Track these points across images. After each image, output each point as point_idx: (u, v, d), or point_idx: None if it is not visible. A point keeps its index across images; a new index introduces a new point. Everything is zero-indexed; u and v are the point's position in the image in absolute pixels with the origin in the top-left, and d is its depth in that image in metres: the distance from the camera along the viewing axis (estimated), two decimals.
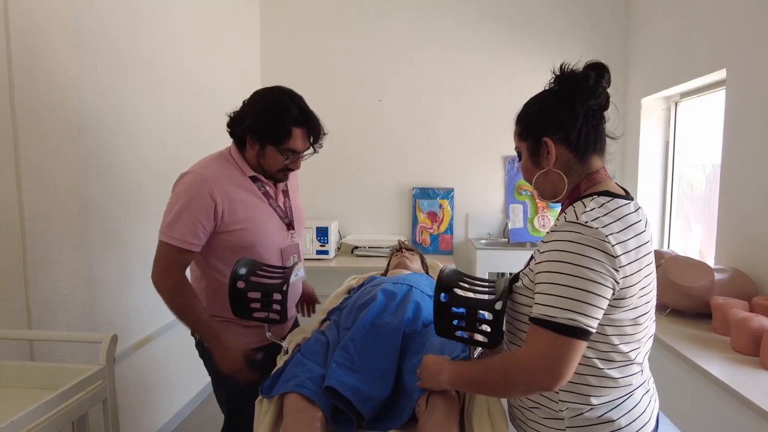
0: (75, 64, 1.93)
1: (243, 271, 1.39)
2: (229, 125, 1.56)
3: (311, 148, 1.57)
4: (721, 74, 2.54)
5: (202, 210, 1.44)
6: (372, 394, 1.26)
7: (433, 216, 3.89)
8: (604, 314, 0.95)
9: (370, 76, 3.86)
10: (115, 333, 1.50)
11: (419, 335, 1.50)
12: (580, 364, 0.96)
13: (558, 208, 3.71)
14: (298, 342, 1.53)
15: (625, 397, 1.03)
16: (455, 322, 1.16)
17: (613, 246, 0.94)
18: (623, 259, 0.95)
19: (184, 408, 2.81)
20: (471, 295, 1.21)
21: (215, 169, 1.52)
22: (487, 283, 1.25)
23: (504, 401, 1.23)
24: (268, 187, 1.60)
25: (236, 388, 1.55)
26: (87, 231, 2.01)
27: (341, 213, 3.93)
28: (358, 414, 1.23)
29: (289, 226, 1.64)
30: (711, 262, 2.56)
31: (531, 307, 0.99)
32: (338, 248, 3.82)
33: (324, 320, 1.79)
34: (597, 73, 1.04)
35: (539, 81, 4.20)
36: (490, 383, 1.04)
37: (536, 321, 0.96)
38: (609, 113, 1.09)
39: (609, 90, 1.07)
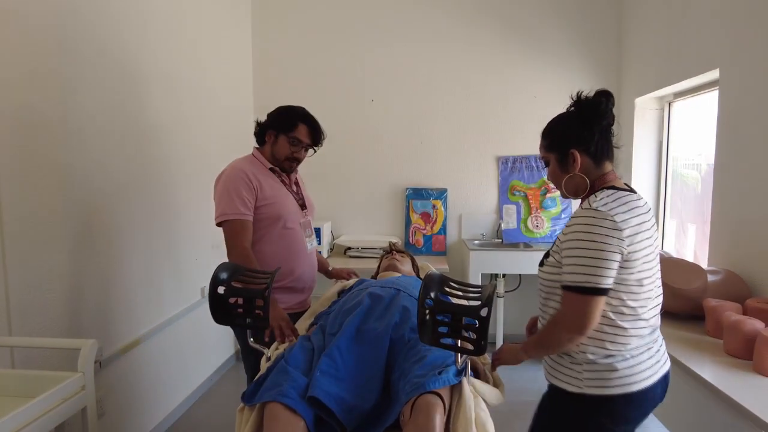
0: (59, 64, 1.89)
1: (224, 275, 1.36)
2: (256, 127, 2.04)
3: (313, 147, 2.03)
4: (714, 74, 2.52)
5: (244, 187, 1.85)
6: (356, 403, 1.23)
7: (426, 216, 3.86)
8: (616, 275, 1.23)
9: (362, 76, 3.82)
10: (95, 339, 1.47)
11: (408, 341, 1.47)
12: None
13: (553, 208, 3.72)
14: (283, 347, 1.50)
15: (631, 351, 1.28)
16: (440, 328, 1.14)
17: (617, 222, 1.22)
18: (627, 231, 1.22)
19: (173, 411, 2.78)
20: (458, 300, 1.18)
21: (244, 162, 1.97)
22: (473, 289, 1.22)
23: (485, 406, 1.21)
24: (283, 177, 2.03)
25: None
26: (71, 233, 1.97)
27: (334, 214, 3.90)
28: (341, 423, 1.21)
29: (302, 206, 2.06)
30: (705, 264, 2.54)
31: (560, 276, 1.28)
32: (331, 249, 3.79)
33: (312, 324, 1.77)
34: (606, 98, 1.34)
35: (532, 81, 4.17)
36: (547, 342, 1.31)
37: (566, 288, 1.25)
38: (615, 127, 1.37)
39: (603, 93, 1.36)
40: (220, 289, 1.33)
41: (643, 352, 1.30)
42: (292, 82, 3.83)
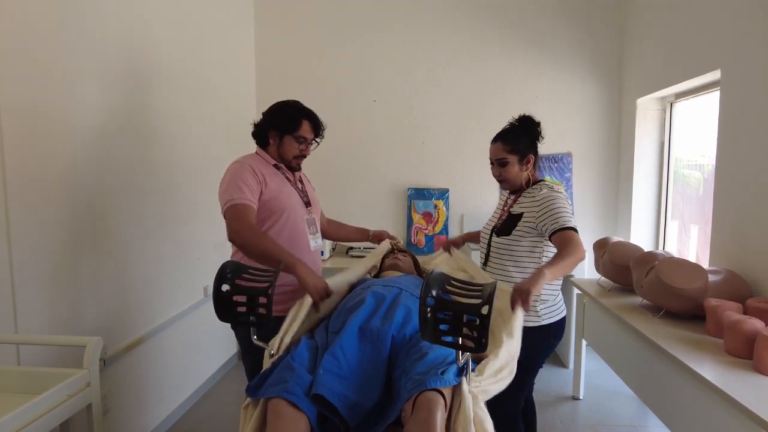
0: (63, 64, 1.91)
1: (228, 273, 1.37)
2: (254, 129, 2.01)
3: (315, 139, 2.03)
4: (715, 75, 2.53)
5: (249, 176, 1.85)
6: (359, 401, 1.24)
7: (428, 216, 3.87)
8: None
9: (365, 76, 3.84)
10: (99, 337, 1.48)
11: (410, 339, 1.48)
12: (538, 255, 1.90)
13: None
14: (287, 344, 1.51)
15: (558, 289, 1.95)
16: (441, 326, 1.15)
17: (567, 198, 1.86)
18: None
19: (177, 409, 2.79)
20: (459, 299, 1.19)
21: (248, 157, 1.97)
22: (474, 287, 1.23)
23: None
24: (287, 174, 2.02)
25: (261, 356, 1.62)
26: (77, 232, 1.98)
27: (336, 213, 3.88)
28: (344, 420, 1.22)
29: (307, 204, 2.05)
30: (706, 264, 2.55)
31: (530, 234, 1.87)
32: (333, 249, 3.81)
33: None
34: (537, 121, 1.96)
35: (534, 82, 4.16)
36: (568, 266, 1.66)
37: (560, 230, 1.76)
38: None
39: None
40: (224, 287, 1.35)
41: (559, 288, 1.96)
42: (294, 82, 3.84)
